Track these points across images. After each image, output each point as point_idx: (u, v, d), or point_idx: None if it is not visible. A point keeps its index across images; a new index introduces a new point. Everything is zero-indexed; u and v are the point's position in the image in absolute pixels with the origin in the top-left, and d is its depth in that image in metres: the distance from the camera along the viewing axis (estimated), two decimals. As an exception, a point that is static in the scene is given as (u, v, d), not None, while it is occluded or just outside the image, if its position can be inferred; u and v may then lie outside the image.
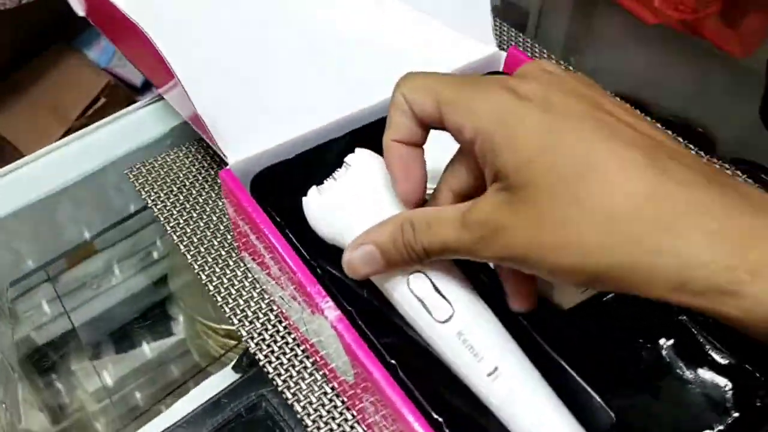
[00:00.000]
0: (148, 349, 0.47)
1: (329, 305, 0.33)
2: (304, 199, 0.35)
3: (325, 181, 0.34)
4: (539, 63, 0.30)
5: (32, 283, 0.50)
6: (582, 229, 0.25)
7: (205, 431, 0.41)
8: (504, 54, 0.46)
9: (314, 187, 0.35)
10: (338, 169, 0.34)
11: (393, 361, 0.32)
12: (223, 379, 0.45)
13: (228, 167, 0.39)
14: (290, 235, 0.37)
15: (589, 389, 0.31)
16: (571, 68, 0.57)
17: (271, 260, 0.37)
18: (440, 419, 0.30)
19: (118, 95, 0.95)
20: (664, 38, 0.59)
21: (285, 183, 0.39)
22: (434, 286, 0.31)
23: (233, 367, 0.47)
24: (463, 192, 0.31)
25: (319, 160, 0.41)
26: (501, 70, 0.47)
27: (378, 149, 0.33)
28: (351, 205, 0.34)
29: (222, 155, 0.40)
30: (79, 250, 0.51)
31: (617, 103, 0.28)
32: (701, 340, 0.35)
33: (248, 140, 0.40)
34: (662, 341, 0.35)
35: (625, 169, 0.24)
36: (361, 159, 0.34)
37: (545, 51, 0.58)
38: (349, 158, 0.34)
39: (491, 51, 0.46)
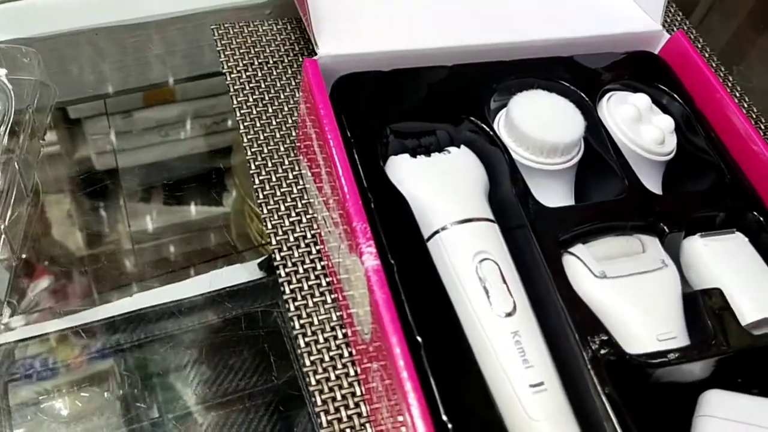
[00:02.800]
0: (193, 210, 0.45)
1: (371, 250, 0.28)
2: (392, 156, 0.33)
3: (418, 156, 0.33)
4: None
5: (105, 109, 0.48)
6: None
7: (213, 319, 0.39)
8: (666, 36, 0.39)
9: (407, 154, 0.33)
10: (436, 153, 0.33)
11: (419, 339, 0.27)
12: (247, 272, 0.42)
13: (315, 57, 0.34)
14: (356, 157, 0.32)
15: None
16: (730, 78, 0.49)
17: (326, 175, 0.33)
18: (449, 425, 0.26)
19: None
20: None
21: (370, 97, 0.34)
22: (502, 276, 0.29)
23: (259, 264, 0.44)
24: None
25: (415, 84, 0.35)
26: (656, 52, 0.39)
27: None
28: (436, 179, 0.32)
29: (314, 43, 0.34)
30: (158, 91, 0.49)
31: None
32: None
33: (348, 37, 0.35)
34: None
35: None
36: (463, 154, 0.33)
37: (708, 48, 0.50)
38: (451, 148, 0.33)
39: (654, 28, 0.39)
